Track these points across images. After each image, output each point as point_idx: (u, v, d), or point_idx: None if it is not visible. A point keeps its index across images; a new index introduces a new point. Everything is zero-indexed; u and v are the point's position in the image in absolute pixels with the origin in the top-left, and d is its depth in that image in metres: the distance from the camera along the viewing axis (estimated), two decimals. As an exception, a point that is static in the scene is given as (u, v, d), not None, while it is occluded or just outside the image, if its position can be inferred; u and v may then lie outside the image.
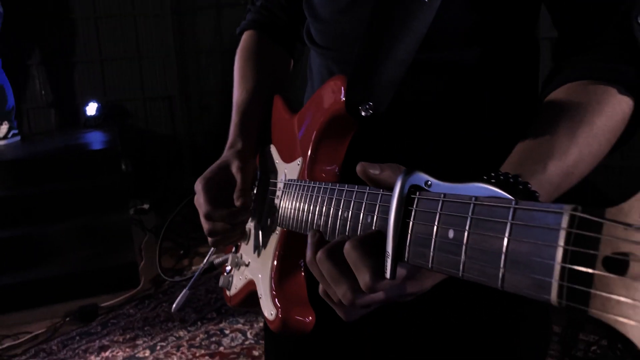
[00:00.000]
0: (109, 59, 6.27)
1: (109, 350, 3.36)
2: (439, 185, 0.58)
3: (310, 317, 0.89)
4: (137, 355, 3.28)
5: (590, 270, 0.41)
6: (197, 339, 3.41)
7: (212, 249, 1.13)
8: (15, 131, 5.58)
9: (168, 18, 6.32)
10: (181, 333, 3.49)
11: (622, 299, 0.39)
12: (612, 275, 0.40)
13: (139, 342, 3.43)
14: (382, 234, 0.62)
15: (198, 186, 1.01)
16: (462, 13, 0.86)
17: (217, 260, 1.16)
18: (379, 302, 0.66)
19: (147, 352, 3.31)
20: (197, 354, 3.24)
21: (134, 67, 6.35)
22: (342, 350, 1.08)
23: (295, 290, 0.93)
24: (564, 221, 0.43)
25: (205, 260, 1.18)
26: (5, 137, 5.45)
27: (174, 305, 1.15)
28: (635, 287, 0.38)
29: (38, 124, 6.25)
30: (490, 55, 0.89)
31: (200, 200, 1.00)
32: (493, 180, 0.54)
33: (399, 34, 0.81)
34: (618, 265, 0.40)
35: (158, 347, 3.35)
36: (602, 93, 0.76)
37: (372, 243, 0.63)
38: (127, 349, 3.36)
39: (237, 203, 1.00)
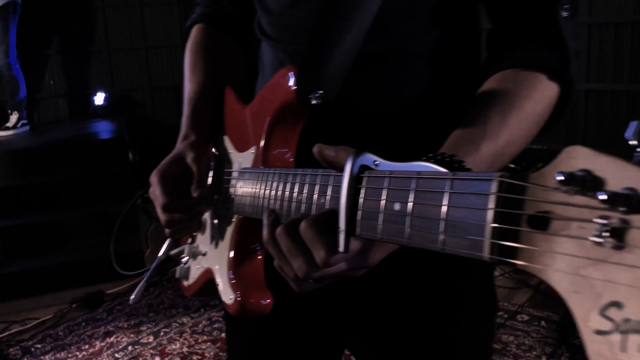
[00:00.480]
0: (117, 49, 6.33)
1: (114, 336, 3.43)
2: (385, 164, 0.63)
3: (268, 300, 0.91)
4: (141, 341, 3.35)
5: (516, 228, 0.45)
6: (200, 325, 3.47)
7: (169, 240, 1.14)
8: (25, 121, 5.66)
9: (175, 7, 6.37)
10: (184, 319, 3.54)
11: (544, 250, 0.43)
12: (535, 232, 0.44)
13: (143, 328, 3.49)
14: (334, 212, 0.66)
15: (154, 179, 1.02)
16: (407, 3, 0.90)
17: (172, 252, 1.16)
18: (333, 275, 0.70)
19: (151, 338, 3.37)
20: (200, 340, 3.29)
21: (141, 57, 6.41)
22: (299, 328, 1.11)
23: (253, 275, 0.95)
24: (493, 187, 0.47)
25: (161, 252, 1.17)
26: (14, 127, 5.53)
27: (131, 297, 1.13)
28: (555, 240, 0.42)
29: (48, 113, 6.33)
30: (436, 46, 0.93)
31: (156, 193, 1.01)
32: (432, 160, 0.58)
33: (346, 24, 0.85)
34: (541, 222, 0.44)
35: (162, 333, 3.41)
36: (531, 80, 0.83)
37: (325, 221, 0.67)
38: (132, 335, 3.42)
39: (195, 194, 1.02)
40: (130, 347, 3.29)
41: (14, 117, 5.57)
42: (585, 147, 0.41)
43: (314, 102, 0.85)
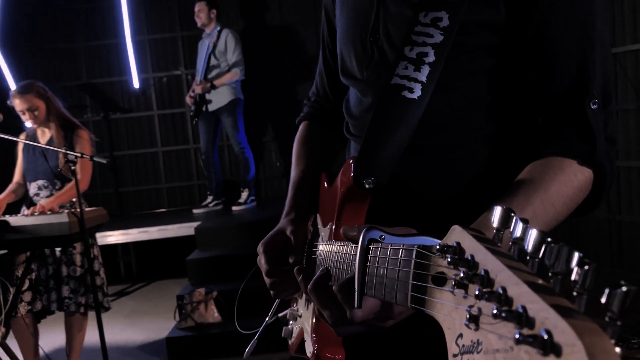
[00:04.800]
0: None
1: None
2: (390, 238, 0.79)
3: (341, 355, 1.07)
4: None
5: (423, 284, 0.61)
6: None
7: (277, 301, 1.35)
8: (253, 197, 6.46)
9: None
10: None
11: (436, 300, 0.59)
12: (434, 287, 0.60)
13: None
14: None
15: (260, 249, 1.21)
16: (448, 105, 1.04)
17: (280, 315, 1.35)
18: (362, 324, 0.86)
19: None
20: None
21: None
22: None
23: (330, 334, 1.07)
24: (414, 254, 0.64)
25: (270, 313, 1.38)
26: (245, 203, 6.34)
27: (244, 355, 1.35)
28: (443, 292, 0.58)
29: (272, 190, 7.16)
30: (492, 137, 1.05)
31: (261, 261, 1.20)
32: None
33: (393, 125, 1.02)
34: (440, 280, 0.60)
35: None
36: (560, 164, 0.94)
37: (350, 284, 0.84)
38: None
39: (290, 261, 1.20)
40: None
41: (244, 194, 6.39)
42: (460, 225, 0.57)
43: (367, 186, 1.02)
